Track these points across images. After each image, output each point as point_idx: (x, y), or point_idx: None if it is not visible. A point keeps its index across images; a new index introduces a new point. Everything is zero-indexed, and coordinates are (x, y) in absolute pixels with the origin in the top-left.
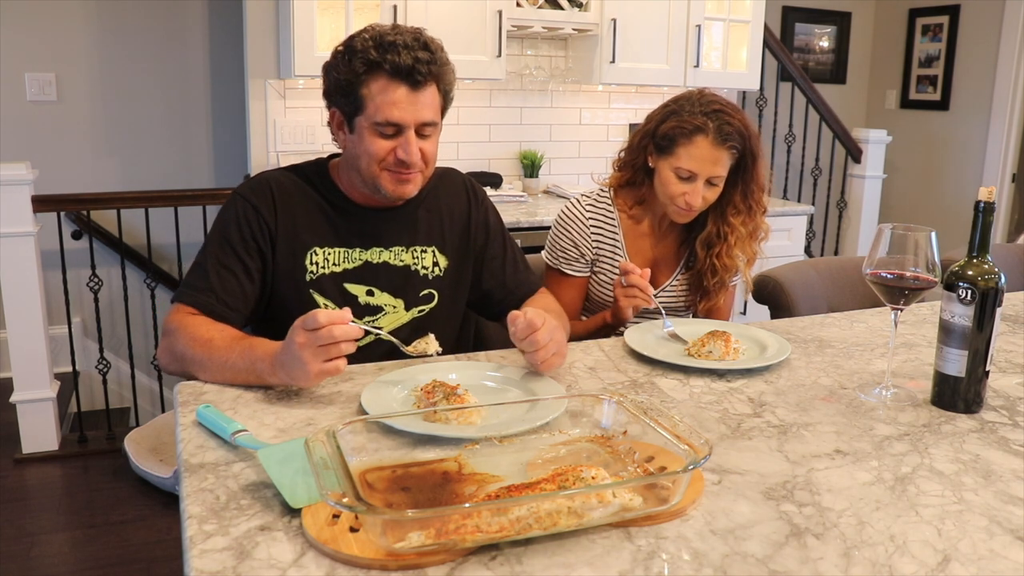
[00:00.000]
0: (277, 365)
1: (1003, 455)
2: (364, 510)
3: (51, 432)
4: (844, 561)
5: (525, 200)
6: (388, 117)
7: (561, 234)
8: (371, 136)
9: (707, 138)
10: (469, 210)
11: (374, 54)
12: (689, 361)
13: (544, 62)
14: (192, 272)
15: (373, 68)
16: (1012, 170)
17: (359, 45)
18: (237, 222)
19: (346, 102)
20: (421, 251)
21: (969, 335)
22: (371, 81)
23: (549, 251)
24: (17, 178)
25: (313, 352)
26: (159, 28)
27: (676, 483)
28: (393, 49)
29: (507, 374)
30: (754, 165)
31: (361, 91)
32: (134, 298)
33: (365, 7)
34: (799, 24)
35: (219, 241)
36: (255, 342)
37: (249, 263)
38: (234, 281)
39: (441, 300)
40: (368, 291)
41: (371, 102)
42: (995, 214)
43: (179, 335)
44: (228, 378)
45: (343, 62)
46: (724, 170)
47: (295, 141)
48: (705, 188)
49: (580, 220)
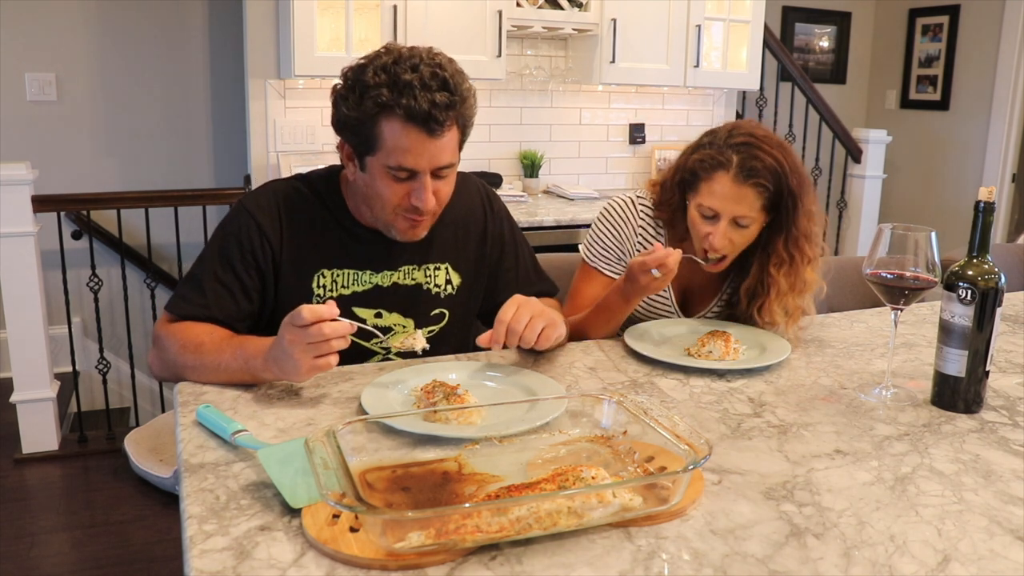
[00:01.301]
0: (270, 360)
1: (1003, 455)
2: (364, 510)
3: (51, 432)
4: (844, 561)
5: (525, 200)
6: (402, 163)
7: (606, 231)
8: (384, 179)
9: (728, 173)
10: (485, 223)
11: (387, 95)
12: (689, 361)
13: (544, 62)
14: (186, 283)
15: (386, 110)
16: (1012, 170)
17: (371, 80)
18: (238, 238)
19: (357, 140)
20: (434, 268)
21: (969, 335)
22: (384, 123)
23: (589, 247)
24: (17, 178)
25: (303, 349)
26: (159, 28)
27: (676, 483)
28: (409, 92)
29: (507, 374)
30: (795, 208)
31: (374, 131)
32: (134, 298)
33: (365, 7)
34: (799, 24)
35: (218, 255)
36: (245, 340)
37: (247, 281)
38: (229, 299)
39: (451, 319)
40: (377, 313)
41: (384, 145)
42: (995, 214)
43: (168, 342)
44: (223, 379)
45: (353, 97)
46: (751, 210)
47: (295, 141)
48: (732, 230)
49: (631, 223)
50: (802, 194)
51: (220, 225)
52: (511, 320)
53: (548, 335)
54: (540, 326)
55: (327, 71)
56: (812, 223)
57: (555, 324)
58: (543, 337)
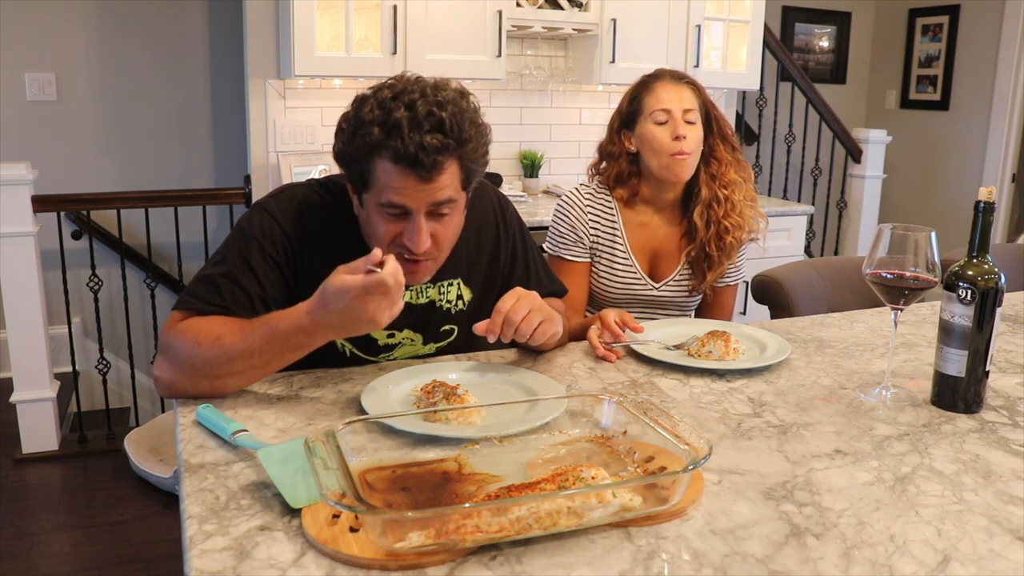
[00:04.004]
0: (327, 328)
1: (1003, 455)
2: (364, 510)
3: (51, 432)
4: (844, 561)
5: (525, 200)
6: (392, 200)
7: (559, 220)
8: (378, 216)
9: (663, 80)
10: (498, 237)
11: (377, 135)
12: (689, 361)
13: (544, 62)
14: (200, 283)
15: (376, 150)
16: (1012, 170)
17: (367, 116)
18: (260, 242)
19: (352, 175)
20: (447, 284)
21: (969, 335)
22: (377, 161)
23: (549, 240)
24: (17, 178)
25: (381, 307)
26: (159, 28)
27: (676, 483)
28: (397, 132)
29: (507, 374)
30: (715, 110)
31: (367, 168)
32: (134, 298)
33: (365, 7)
34: (799, 24)
35: (238, 258)
36: (270, 319)
37: (267, 288)
38: (247, 302)
39: (459, 334)
40: (389, 333)
41: (376, 182)
42: (995, 214)
43: (182, 341)
44: (253, 365)
45: (348, 132)
46: (692, 104)
47: (295, 141)
48: (686, 126)
49: (578, 207)
50: (712, 101)
51: (238, 228)
52: (509, 311)
53: (544, 330)
54: (537, 320)
55: (327, 71)
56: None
57: (552, 320)
58: (539, 331)
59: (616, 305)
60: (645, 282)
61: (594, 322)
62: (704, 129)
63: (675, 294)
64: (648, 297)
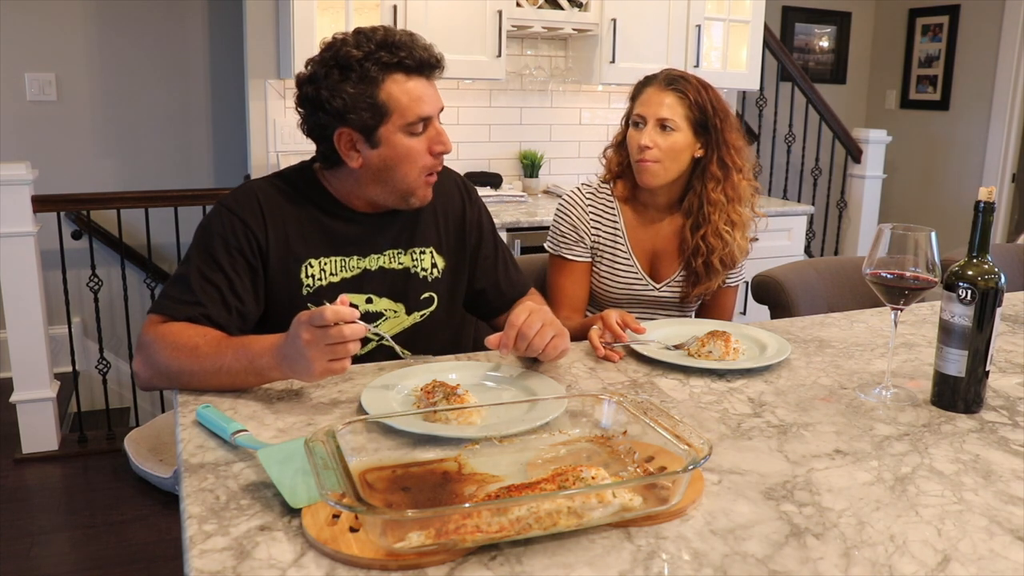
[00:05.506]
0: (280, 359)
1: (1003, 455)
2: (364, 510)
3: (51, 432)
4: (844, 561)
5: (525, 200)
6: (419, 113)
7: (560, 219)
8: (405, 140)
9: (653, 86)
10: (464, 209)
11: (386, 56)
12: (689, 361)
13: (544, 62)
14: (173, 285)
15: (390, 70)
16: (1012, 170)
17: (359, 53)
18: (223, 236)
19: (365, 116)
20: (420, 252)
21: (969, 335)
22: (390, 84)
23: (550, 239)
24: (17, 178)
25: (320, 350)
26: (159, 28)
27: (676, 483)
28: (404, 46)
29: (507, 374)
30: (723, 125)
31: (379, 97)
32: (134, 298)
33: (365, 7)
34: (799, 24)
35: (204, 254)
36: (247, 340)
37: (235, 280)
38: (218, 297)
39: (440, 303)
40: (367, 299)
41: (396, 105)
42: (995, 214)
43: (159, 345)
44: (223, 382)
45: (346, 78)
46: (672, 114)
47: (295, 141)
48: (658, 133)
49: (579, 206)
50: (725, 112)
51: (201, 226)
52: (522, 325)
53: (556, 344)
54: (550, 335)
55: None
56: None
57: (564, 335)
58: (551, 346)
59: (617, 305)
60: (646, 282)
61: (595, 322)
62: (701, 139)
63: (675, 294)
64: (648, 297)
